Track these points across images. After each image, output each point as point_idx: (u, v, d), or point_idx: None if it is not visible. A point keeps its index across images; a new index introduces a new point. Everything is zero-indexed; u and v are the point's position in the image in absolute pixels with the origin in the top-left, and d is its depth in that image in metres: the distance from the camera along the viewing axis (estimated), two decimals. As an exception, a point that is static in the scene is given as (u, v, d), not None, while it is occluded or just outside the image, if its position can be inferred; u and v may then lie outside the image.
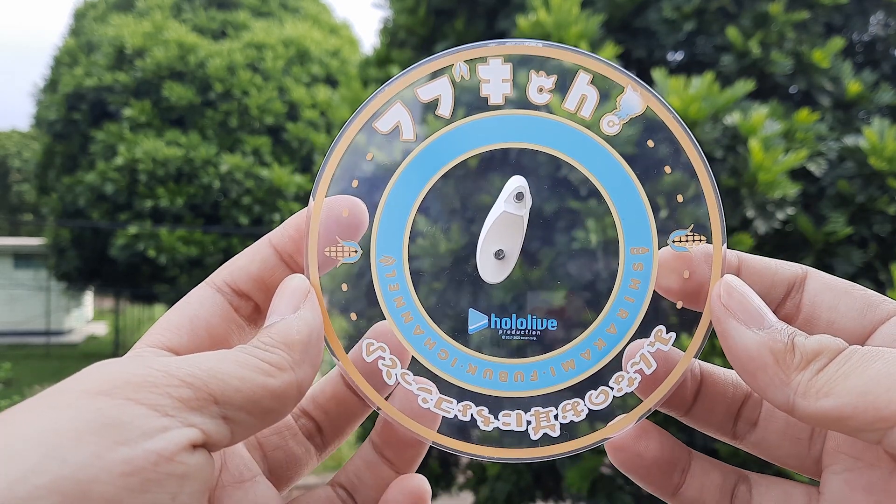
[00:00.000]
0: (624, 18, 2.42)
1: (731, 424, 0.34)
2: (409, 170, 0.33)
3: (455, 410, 0.33)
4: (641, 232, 0.32)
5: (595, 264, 0.34)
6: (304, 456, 0.34)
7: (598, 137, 0.33)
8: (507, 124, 0.33)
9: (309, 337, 0.30)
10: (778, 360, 0.28)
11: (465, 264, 0.34)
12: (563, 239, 0.34)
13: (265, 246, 0.34)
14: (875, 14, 2.51)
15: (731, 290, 0.30)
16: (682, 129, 0.32)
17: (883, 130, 1.96)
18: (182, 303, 0.32)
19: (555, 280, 0.34)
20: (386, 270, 0.33)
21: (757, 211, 1.94)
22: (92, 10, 9.91)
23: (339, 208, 0.32)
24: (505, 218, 0.33)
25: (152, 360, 0.26)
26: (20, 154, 20.30)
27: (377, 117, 0.33)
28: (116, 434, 0.23)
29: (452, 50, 0.33)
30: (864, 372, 0.26)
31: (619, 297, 0.33)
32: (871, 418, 0.25)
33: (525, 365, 0.33)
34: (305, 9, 10.02)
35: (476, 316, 0.33)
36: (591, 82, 0.33)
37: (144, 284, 8.89)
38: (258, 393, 0.27)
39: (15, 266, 13.02)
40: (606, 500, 2.01)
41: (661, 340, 0.32)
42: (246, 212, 8.35)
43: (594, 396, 0.33)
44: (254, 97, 8.47)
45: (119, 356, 0.29)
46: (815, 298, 0.32)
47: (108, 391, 0.24)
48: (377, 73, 2.86)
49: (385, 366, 0.33)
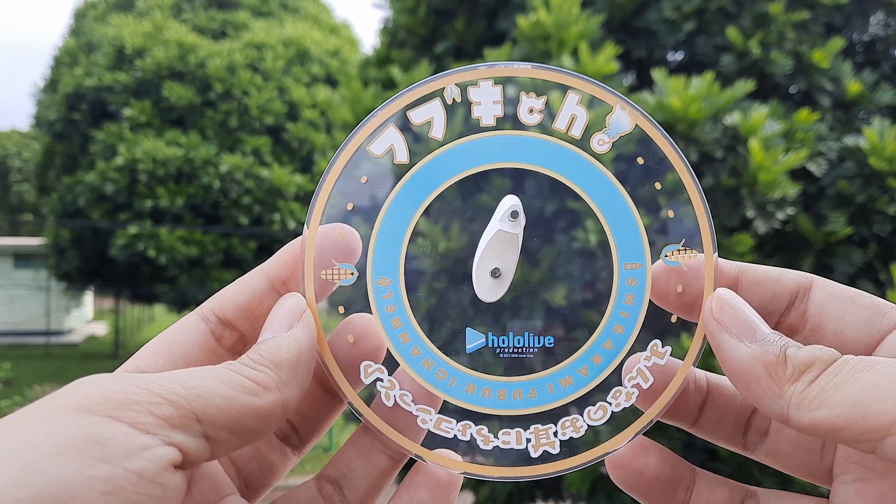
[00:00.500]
0: (624, 18, 2.42)
1: (741, 435, 0.34)
2: (404, 192, 0.33)
3: (455, 430, 0.33)
4: (634, 247, 0.33)
5: (590, 280, 0.34)
6: (279, 461, 0.34)
7: (589, 156, 0.33)
8: (499, 145, 0.33)
9: (298, 357, 0.29)
10: (770, 373, 0.28)
11: (462, 284, 0.34)
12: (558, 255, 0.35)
13: (255, 276, 0.33)
14: (875, 14, 2.51)
15: (723, 303, 0.31)
16: (671, 145, 0.33)
17: (883, 130, 1.96)
18: (166, 331, 0.32)
19: (549, 296, 0.34)
20: (383, 292, 0.33)
21: (757, 211, 1.93)
22: (92, 10, 9.91)
23: (335, 232, 0.33)
24: (500, 236, 0.34)
25: (134, 378, 0.25)
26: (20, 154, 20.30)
27: (371, 140, 0.33)
28: (97, 451, 0.22)
29: (443, 74, 0.33)
30: (854, 383, 0.26)
31: (614, 313, 0.33)
32: (862, 429, 0.25)
33: (523, 382, 0.33)
34: (305, 9, 10.02)
35: (473, 335, 0.34)
36: (580, 102, 0.33)
37: (144, 284, 8.89)
38: (241, 412, 0.27)
39: (15, 266, 13.02)
40: (606, 500, 2.01)
41: (657, 354, 0.33)
42: (246, 212, 8.35)
43: (593, 412, 0.33)
44: (254, 97, 8.47)
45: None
46: (821, 308, 0.31)
47: (88, 407, 0.23)
48: (377, 73, 2.86)
49: (383, 387, 0.33)
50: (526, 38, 2.19)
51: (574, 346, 0.33)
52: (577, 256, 0.35)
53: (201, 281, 8.34)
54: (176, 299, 8.84)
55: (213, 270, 8.34)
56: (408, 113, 0.33)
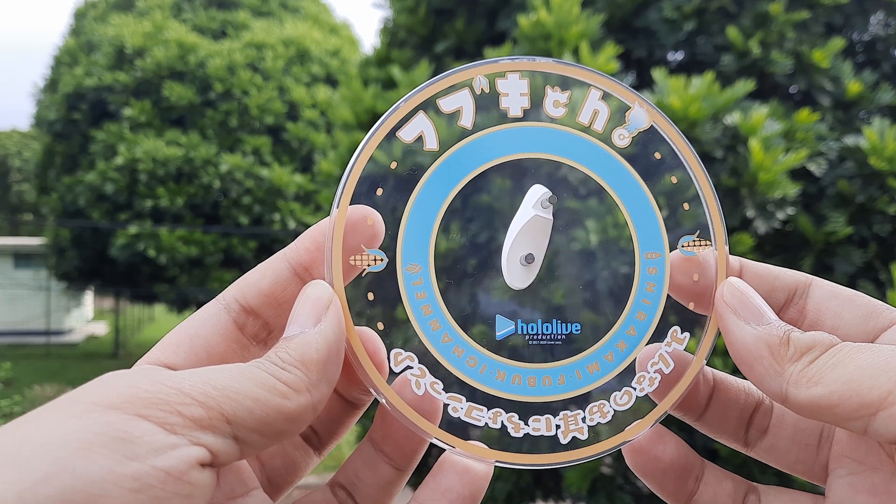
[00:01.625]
0: (624, 18, 2.42)
1: (742, 432, 0.35)
2: (434, 178, 0.33)
3: (486, 419, 0.33)
4: (654, 238, 0.34)
5: (614, 269, 0.35)
6: (302, 459, 0.34)
7: (611, 149, 0.34)
8: (526, 135, 0.34)
9: (328, 354, 0.29)
10: (773, 353, 0.30)
11: (491, 270, 0.34)
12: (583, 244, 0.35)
13: (278, 261, 0.33)
14: (875, 14, 2.51)
15: (734, 289, 0.32)
16: (684, 141, 0.34)
17: (883, 130, 1.96)
18: (187, 321, 0.32)
19: (577, 283, 0.35)
20: (412, 279, 0.33)
21: (757, 211, 1.94)
22: (92, 9, 9.91)
23: (364, 216, 0.32)
24: (535, 221, 0.34)
25: (164, 376, 0.25)
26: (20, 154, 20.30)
27: (401, 127, 0.33)
28: (126, 449, 0.22)
29: (471, 64, 0.34)
30: (850, 362, 0.28)
31: (636, 301, 0.34)
32: (855, 405, 0.26)
33: (552, 369, 0.34)
34: (305, 9, 10.02)
35: (503, 322, 0.34)
36: (601, 98, 0.34)
37: (144, 284, 8.89)
38: (272, 415, 0.26)
39: (15, 266, 13.02)
40: (606, 500, 2.01)
41: (676, 340, 0.34)
42: (246, 212, 8.35)
43: (619, 397, 0.33)
44: (254, 97, 8.47)
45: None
46: (819, 305, 0.33)
47: (118, 405, 0.23)
48: (377, 73, 2.86)
49: (414, 375, 0.33)
50: (526, 38, 2.19)
51: (600, 333, 0.34)
52: (603, 245, 0.35)
53: (201, 281, 8.34)
54: (176, 299, 8.84)
55: (213, 270, 8.34)
56: (437, 101, 0.34)
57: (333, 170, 2.78)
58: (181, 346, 0.31)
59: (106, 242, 8.44)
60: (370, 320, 0.33)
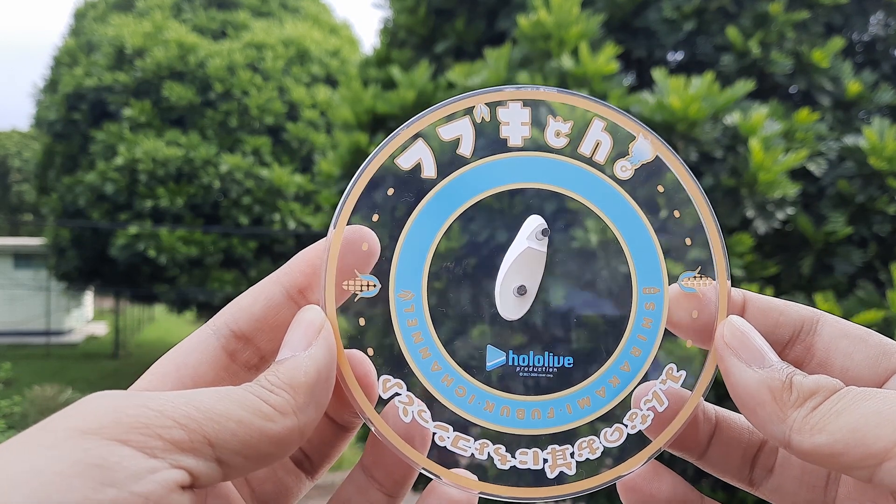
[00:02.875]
0: (624, 18, 2.42)
1: (747, 471, 0.34)
2: (430, 206, 0.33)
3: (472, 449, 0.33)
4: (653, 272, 0.34)
5: (609, 303, 0.35)
6: (294, 484, 0.34)
7: (612, 181, 0.34)
8: (525, 166, 0.34)
9: (317, 378, 0.29)
10: (775, 397, 0.29)
11: (484, 300, 0.34)
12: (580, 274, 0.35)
13: (271, 284, 0.33)
14: (875, 14, 2.51)
15: (735, 329, 0.31)
16: (690, 176, 0.34)
17: (883, 130, 1.96)
18: (176, 348, 0.32)
19: (571, 316, 0.34)
20: (405, 305, 0.33)
21: (757, 211, 1.94)
22: (92, 10, 9.91)
23: (359, 241, 0.32)
24: (528, 254, 0.34)
25: (147, 399, 0.25)
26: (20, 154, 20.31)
27: (399, 154, 0.33)
28: (103, 476, 0.22)
29: (473, 93, 0.34)
30: (855, 410, 0.27)
31: (632, 336, 0.33)
32: (860, 455, 0.26)
33: (542, 402, 0.33)
34: (305, 9, 10.02)
35: (494, 353, 0.33)
36: (604, 129, 0.34)
37: (144, 284, 8.90)
38: (256, 437, 0.26)
39: (15, 266, 13.02)
40: (606, 500, 2.01)
41: (672, 378, 0.33)
42: (246, 212, 8.36)
43: (609, 434, 0.33)
44: (254, 97, 8.47)
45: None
46: (829, 344, 0.32)
47: (96, 430, 0.23)
48: (377, 73, 2.86)
49: (401, 402, 0.32)
50: (526, 38, 2.20)
51: (593, 368, 0.33)
52: (598, 279, 0.35)
53: (201, 281, 8.34)
54: (176, 299, 8.84)
55: (213, 270, 8.34)
56: (437, 129, 0.33)
57: (333, 170, 2.78)
58: (168, 376, 0.30)
59: (106, 242, 8.44)
60: (361, 345, 0.33)
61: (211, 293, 8.33)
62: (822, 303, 1.83)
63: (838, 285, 2.05)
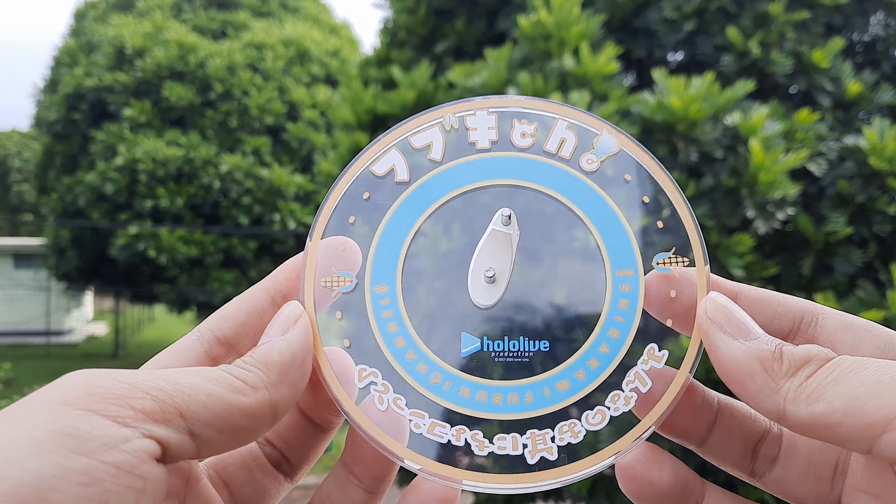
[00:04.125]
0: (624, 18, 2.42)
1: (749, 460, 0.33)
2: (404, 206, 0.35)
3: (448, 435, 0.32)
4: (626, 255, 0.34)
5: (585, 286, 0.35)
6: (273, 486, 0.34)
7: (579, 172, 0.35)
8: (493, 164, 0.35)
9: (291, 359, 0.30)
10: (766, 368, 0.28)
11: (457, 289, 0.34)
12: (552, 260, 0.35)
13: (257, 291, 0.34)
14: (875, 14, 2.51)
15: (717, 304, 0.31)
16: (657, 164, 0.35)
17: (883, 130, 1.96)
18: (161, 353, 0.32)
19: (545, 301, 0.34)
20: (380, 298, 0.34)
21: (757, 211, 1.94)
22: (92, 10, 9.91)
23: (336, 244, 0.34)
24: (494, 236, 0.35)
25: (118, 373, 0.26)
26: (20, 154, 20.31)
27: (373, 163, 0.35)
28: (75, 444, 0.23)
29: (442, 105, 0.36)
30: (853, 378, 0.26)
31: (608, 318, 0.34)
32: (860, 424, 0.25)
33: (519, 386, 0.33)
34: (305, 9, 10.02)
35: (468, 339, 0.34)
36: (568, 127, 0.35)
37: (144, 284, 8.90)
38: (227, 410, 0.27)
39: (15, 266, 13.02)
40: (606, 500, 2.01)
41: (654, 358, 0.33)
42: (246, 212, 8.36)
43: (591, 416, 0.33)
44: (254, 97, 8.47)
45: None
46: (834, 336, 0.31)
47: (69, 402, 0.24)
48: (377, 73, 2.86)
49: (377, 391, 0.33)
50: (526, 38, 2.20)
51: (570, 350, 0.33)
52: (572, 263, 0.35)
53: (201, 281, 8.35)
54: (176, 299, 8.84)
55: (213, 270, 8.34)
56: (409, 139, 0.35)
57: (333, 170, 2.78)
58: None
59: (106, 243, 8.44)
60: (338, 338, 0.33)
61: (211, 293, 8.33)
62: (823, 303, 1.82)
63: (838, 285, 2.05)
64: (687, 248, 0.34)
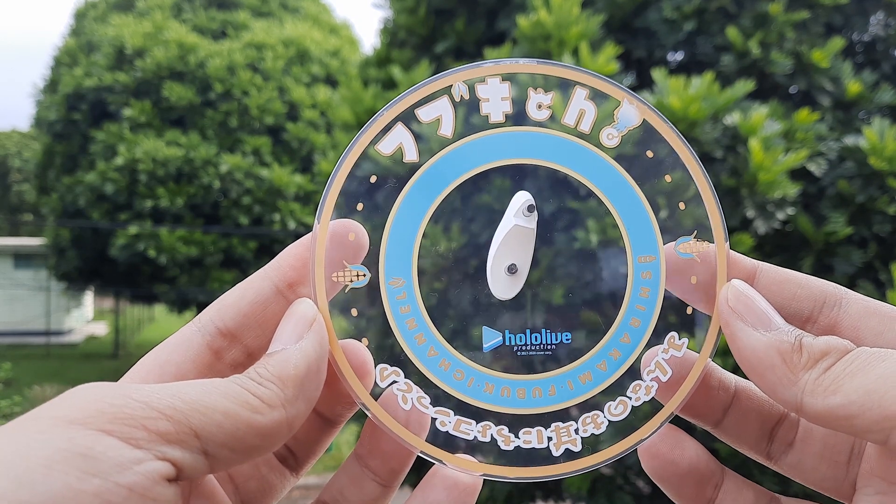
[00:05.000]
0: (624, 18, 2.42)
1: (765, 443, 0.33)
2: (414, 190, 0.33)
3: (474, 432, 0.32)
4: (647, 240, 0.33)
5: (605, 274, 0.34)
6: (278, 481, 0.33)
7: (599, 150, 0.33)
8: (508, 141, 0.33)
9: (307, 371, 0.29)
10: (785, 360, 0.28)
11: (476, 281, 0.34)
12: (572, 250, 0.34)
13: (259, 279, 0.32)
14: (875, 14, 2.51)
15: (738, 293, 0.31)
16: (679, 138, 0.33)
17: (883, 130, 1.96)
18: (161, 345, 0.31)
19: (566, 292, 0.34)
20: (396, 293, 0.32)
21: (757, 211, 1.94)
22: (92, 10, 9.91)
23: (345, 232, 0.32)
24: (516, 231, 0.33)
25: (132, 390, 0.25)
26: (20, 154, 20.31)
27: (379, 140, 0.33)
28: (88, 465, 0.22)
29: (450, 71, 0.33)
30: (871, 371, 0.26)
31: (630, 306, 0.33)
32: (876, 416, 0.25)
33: (542, 380, 0.33)
34: (305, 9, 10.02)
35: (490, 333, 0.33)
36: (588, 97, 0.33)
37: (144, 284, 8.89)
38: (243, 430, 0.26)
39: (15, 266, 13.02)
40: (606, 500, 2.01)
41: (674, 347, 0.32)
42: (246, 212, 8.36)
43: (613, 407, 0.32)
44: (254, 97, 8.47)
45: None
46: (858, 322, 0.31)
47: (82, 420, 0.23)
48: (377, 73, 2.86)
49: (400, 390, 0.32)
50: (526, 38, 2.20)
51: (593, 341, 0.33)
52: (592, 251, 0.34)
53: (201, 281, 8.34)
54: (176, 299, 8.84)
55: (213, 270, 8.34)
56: (416, 111, 0.33)
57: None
58: (150, 374, 0.30)
59: (106, 242, 8.44)
60: (356, 336, 0.32)
61: (211, 293, 8.33)
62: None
63: (838, 285, 2.05)
64: (708, 230, 0.33)
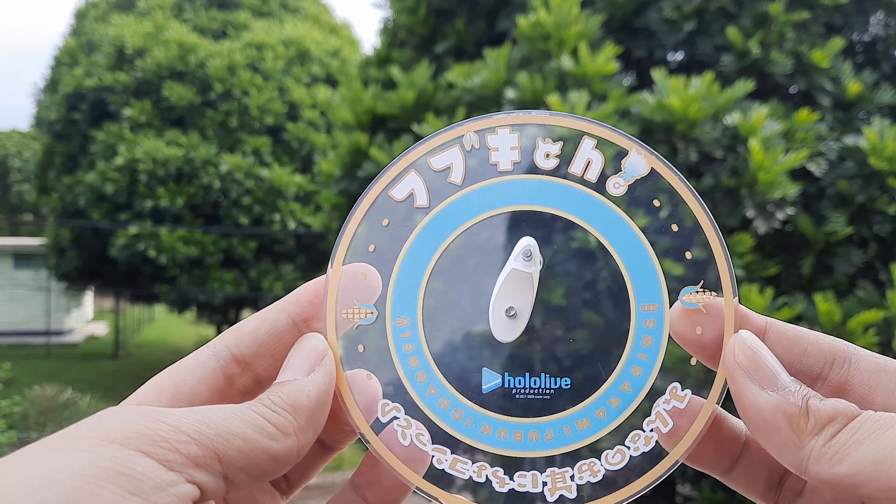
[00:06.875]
0: (624, 18, 2.42)
1: (774, 492, 0.33)
2: (423, 234, 0.34)
3: (470, 471, 0.33)
4: (651, 289, 0.33)
5: (608, 322, 0.34)
6: (269, 503, 0.34)
7: (605, 199, 0.33)
8: (516, 189, 0.34)
9: (318, 403, 0.30)
10: (792, 424, 0.28)
11: (479, 324, 0.34)
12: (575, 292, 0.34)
13: (276, 312, 0.33)
14: (875, 14, 2.52)
15: (745, 347, 0.30)
16: (687, 187, 0.33)
17: (883, 130, 1.96)
18: (174, 366, 0.32)
19: (567, 336, 0.34)
20: (401, 331, 0.34)
21: (757, 211, 1.94)
22: (93, 9, 9.92)
23: (357, 272, 0.33)
24: (514, 275, 0.34)
25: (163, 414, 0.26)
26: (20, 154, 20.32)
27: (392, 186, 0.34)
28: (129, 484, 0.23)
29: (462, 122, 0.34)
30: (877, 439, 0.26)
31: (631, 355, 0.33)
32: (882, 486, 0.25)
33: (540, 424, 0.33)
34: (305, 9, 10.03)
35: (490, 375, 0.34)
36: (595, 147, 0.34)
37: (144, 284, 8.90)
38: (259, 455, 0.27)
39: (15, 266, 13.02)
40: None
41: (676, 398, 0.32)
42: (246, 212, 8.36)
43: (611, 456, 0.33)
44: (254, 97, 8.48)
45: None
46: (869, 380, 0.30)
47: (122, 441, 0.24)
48: (377, 73, 2.86)
49: (400, 426, 0.33)
50: (526, 38, 2.20)
51: (592, 388, 0.33)
52: (596, 298, 0.34)
53: (201, 281, 8.35)
54: (176, 299, 8.84)
55: (214, 270, 8.34)
56: (428, 159, 0.34)
57: (333, 170, 2.78)
58: (164, 393, 0.31)
59: (106, 243, 8.44)
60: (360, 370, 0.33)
61: (211, 293, 8.34)
62: (822, 303, 1.82)
63: (838, 285, 2.05)
64: (716, 281, 0.32)
